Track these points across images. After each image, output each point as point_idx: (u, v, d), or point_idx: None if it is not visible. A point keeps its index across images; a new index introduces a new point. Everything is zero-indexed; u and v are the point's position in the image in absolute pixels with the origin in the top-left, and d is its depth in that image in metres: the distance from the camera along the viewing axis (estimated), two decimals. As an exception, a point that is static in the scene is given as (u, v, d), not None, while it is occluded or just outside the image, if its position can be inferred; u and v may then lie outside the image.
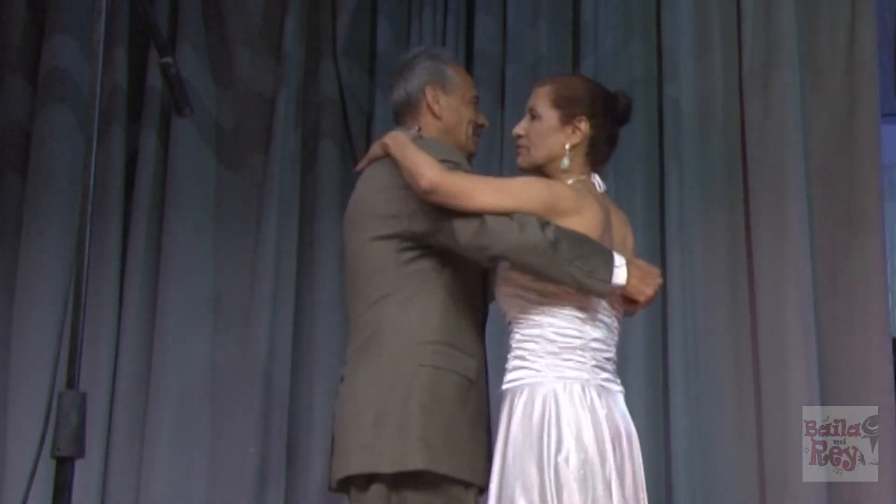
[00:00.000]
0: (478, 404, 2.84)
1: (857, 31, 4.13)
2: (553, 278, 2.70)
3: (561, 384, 2.70)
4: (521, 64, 4.33)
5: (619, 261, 2.74)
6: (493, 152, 4.19)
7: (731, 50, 4.26)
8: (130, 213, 4.38)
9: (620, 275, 2.72)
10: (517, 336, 2.80)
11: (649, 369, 4.03)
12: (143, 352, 4.28)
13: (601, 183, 2.92)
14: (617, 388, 2.83)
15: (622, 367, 2.97)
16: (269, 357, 4.22)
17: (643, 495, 2.78)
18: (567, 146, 2.86)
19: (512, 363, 2.79)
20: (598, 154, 2.92)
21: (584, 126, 2.87)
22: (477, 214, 2.67)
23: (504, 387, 2.78)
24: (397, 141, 2.82)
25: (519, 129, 2.92)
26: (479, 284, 2.93)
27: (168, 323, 4.27)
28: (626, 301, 2.83)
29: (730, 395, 4.03)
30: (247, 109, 4.50)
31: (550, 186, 2.80)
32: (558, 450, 2.64)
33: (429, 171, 2.69)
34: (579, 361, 2.75)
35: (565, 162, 2.85)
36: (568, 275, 2.67)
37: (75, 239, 2.07)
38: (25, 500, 4.05)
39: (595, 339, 2.78)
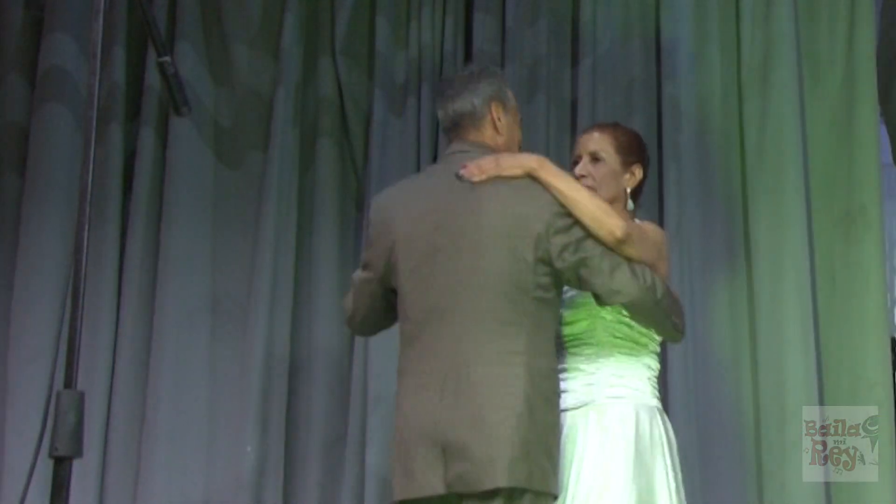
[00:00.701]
0: None
1: (857, 29, 4.13)
2: (651, 325, 2.98)
3: (658, 407, 3.02)
4: (521, 63, 4.33)
5: None
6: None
7: (729, 49, 4.26)
8: (129, 212, 4.37)
9: None
10: (612, 357, 2.99)
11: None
12: (141, 351, 4.27)
13: None
14: None
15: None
16: (267, 356, 4.22)
17: None
18: (627, 189, 3.11)
19: (608, 379, 2.97)
20: (637, 198, 3.18)
21: (638, 172, 3.14)
22: (621, 259, 2.85)
23: (600, 399, 2.97)
24: (549, 169, 2.87)
25: (582, 170, 3.10)
26: None
27: (166, 322, 4.26)
28: None
29: (728, 394, 4.02)
30: (245, 108, 4.49)
31: (661, 233, 3.05)
32: (675, 469, 2.95)
33: (621, 221, 2.86)
34: (657, 388, 3.06)
35: (631, 204, 3.12)
36: (665, 327, 2.98)
37: (73, 238, 2.07)
38: (23, 500, 4.05)
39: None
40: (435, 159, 4.32)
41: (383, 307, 3.07)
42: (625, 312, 2.97)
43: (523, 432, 2.73)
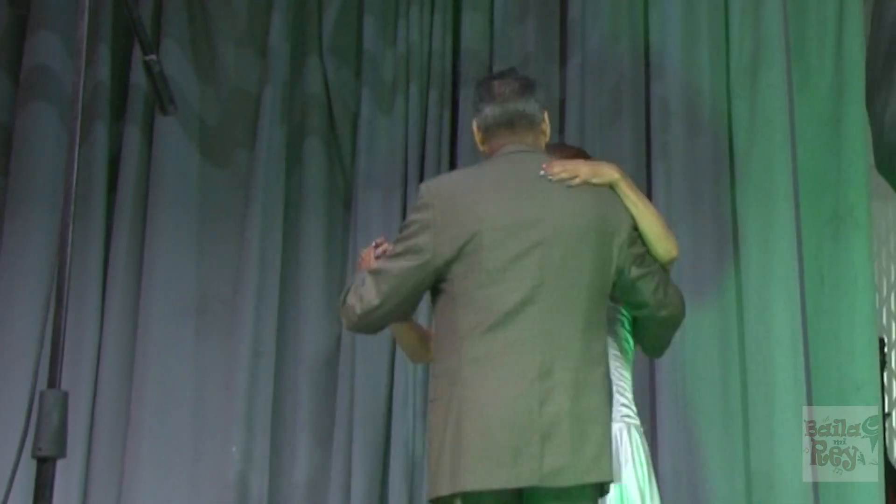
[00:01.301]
0: None
1: (845, 28, 4.13)
2: (663, 338, 3.13)
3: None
4: (509, 62, 4.31)
5: None
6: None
7: (718, 48, 4.25)
8: (114, 211, 4.36)
9: None
10: (617, 372, 3.09)
11: (636, 368, 4.01)
12: (125, 350, 4.26)
13: None
14: None
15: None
16: (252, 355, 4.21)
17: None
18: None
19: (617, 398, 3.05)
20: None
21: None
22: (667, 276, 3.00)
23: (616, 418, 3.03)
24: (628, 181, 2.97)
25: None
26: None
27: (151, 321, 4.25)
28: None
29: (717, 394, 4.02)
30: (232, 106, 4.48)
31: None
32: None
33: (675, 240, 3.00)
34: None
35: None
36: (666, 342, 3.16)
37: (58, 237, 2.05)
38: (6, 501, 4.02)
39: None
40: (423, 157, 4.32)
41: (418, 298, 2.97)
42: (628, 328, 3.10)
43: (605, 430, 2.84)
